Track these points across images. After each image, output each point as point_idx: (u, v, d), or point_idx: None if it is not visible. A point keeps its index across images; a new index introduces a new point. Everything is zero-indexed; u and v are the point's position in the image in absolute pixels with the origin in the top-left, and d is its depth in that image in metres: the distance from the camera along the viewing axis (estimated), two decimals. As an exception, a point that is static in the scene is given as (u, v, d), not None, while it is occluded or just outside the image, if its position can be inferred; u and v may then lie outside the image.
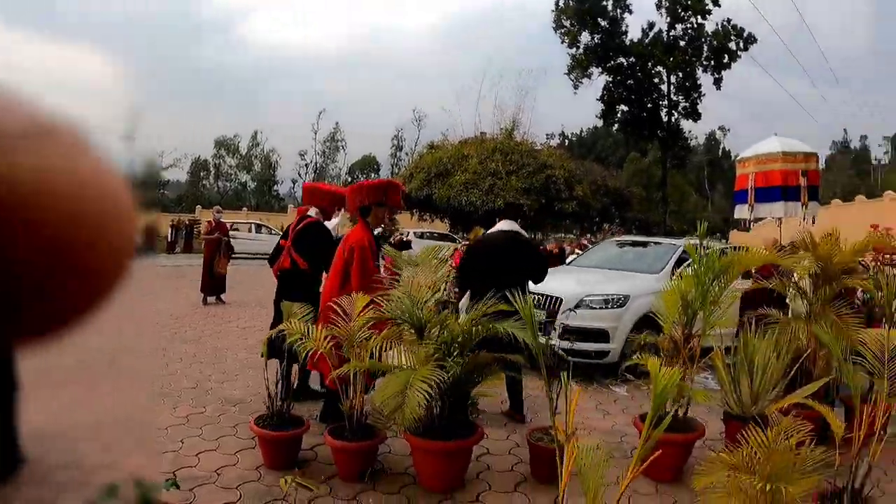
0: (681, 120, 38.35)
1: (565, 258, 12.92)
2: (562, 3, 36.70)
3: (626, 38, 37.31)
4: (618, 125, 40.12)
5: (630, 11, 37.14)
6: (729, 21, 36.24)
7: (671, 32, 36.91)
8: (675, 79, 37.50)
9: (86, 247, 0.31)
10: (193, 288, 13.11)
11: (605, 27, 36.69)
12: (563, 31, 37.34)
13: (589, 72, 37.57)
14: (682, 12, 36.11)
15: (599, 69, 37.57)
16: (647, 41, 37.13)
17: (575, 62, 37.53)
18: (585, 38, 37.24)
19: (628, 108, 38.19)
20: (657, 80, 37.85)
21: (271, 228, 30.20)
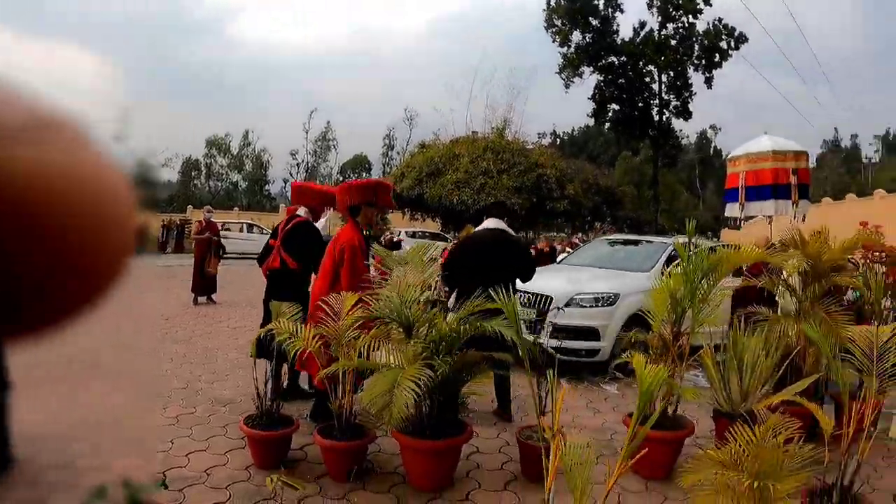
0: (672, 119, 38.43)
1: (556, 257, 12.91)
2: (553, 2, 36.62)
3: (617, 37, 37.27)
4: (609, 124, 40.13)
5: (621, 10, 37.15)
6: (720, 20, 36.31)
7: (662, 31, 36.92)
8: (667, 78, 37.54)
9: (84, 243, 0.31)
10: (184, 288, 13.08)
11: (597, 26, 36.67)
12: (554, 30, 37.31)
13: (580, 71, 37.57)
14: (674, 11, 36.15)
15: (591, 68, 37.57)
16: (638, 40, 37.12)
17: (566, 61, 37.51)
18: (577, 37, 37.21)
19: (619, 107, 38.20)
20: (648, 79, 37.87)
21: (263, 228, 30.07)
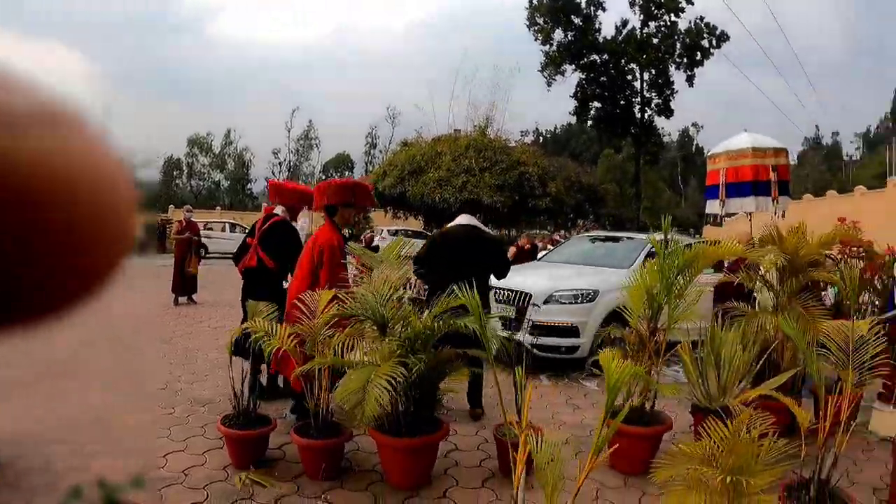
0: (654, 117, 38.63)
1: (537, 254, 12.93)
2: (535, 0, 36.78)
3: (599, 35, 37.43)
4: (591, 122, 40.31)
5: (603, 9, 37.31)
6: (702, 19, 36.60)
7: (644, 30, 37.13)
8: (648, 76, 37.77)
9: (84, 234, 0.30)
10: (164, 288, 12.98)
11: (579, 24, 36.79)
12: (536, 28, 37.43)
13: (562, 69, 37.71)
14: (656, 10, 36.37)
15: (573, 66, 37.71)
16: (620, 38, 37.29)
17: (548, 59, 37.63)
18: (559, 35, 37.39)
19: (602, 104, 38.36)
20: (630, 77, 38.09)
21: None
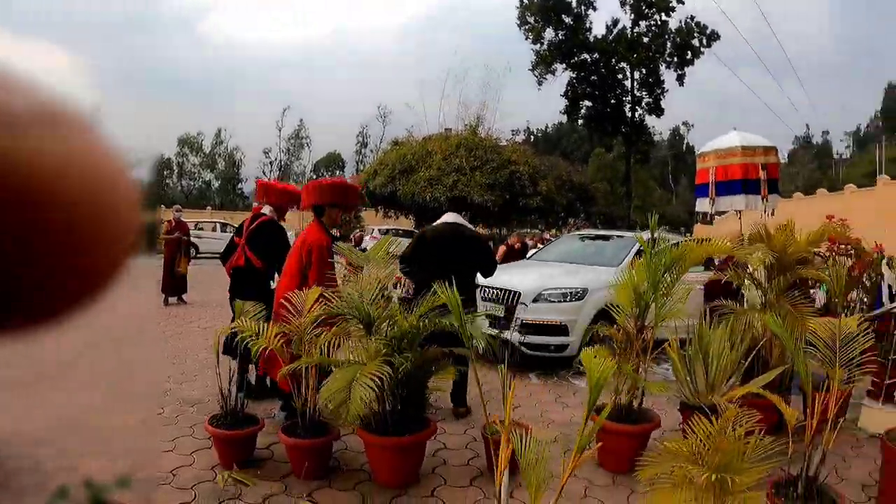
0: (644, 116, 38.71)
1: (527, 253, 12.91)
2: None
3: (590, 34, 37.51)
4: (582, 121, 40.40)
5: (594, 8, 37.41)
6: (692, 18, 36.71)
7: (635, 29, 37.21)
8: (639, 75, 37.83)
9: (84, 234, 0.30)
10: (154, 288, 12.91)
11: (569, 24, 36.85)
12: (527, 27, 37.47)
13: (553, 68, 37.78)
14: (646, 9, 36.46)
15: (563, 65, 37.77)
16: (610, 38, 37.39)
17: (539, 58, 37.68)
18: (549, 34, 37.44)
19: (592, 103, 38.43)
20: (621, 76, 38.16)
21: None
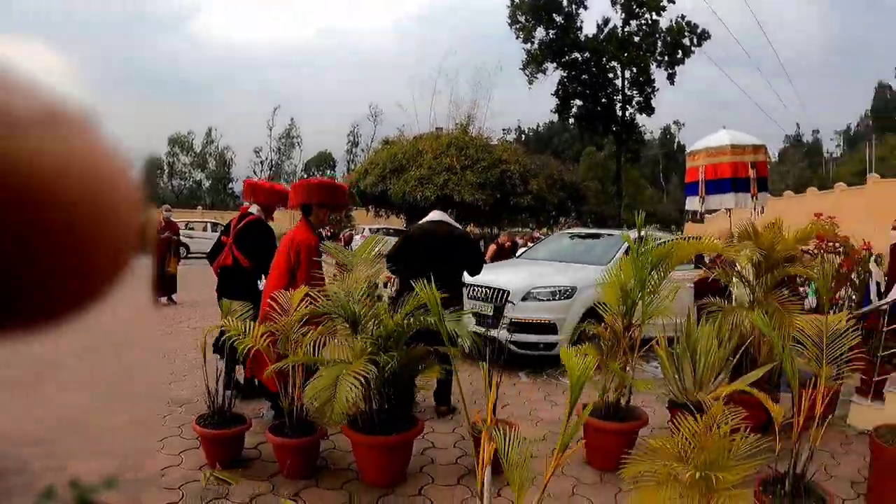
0: (635, 115, 38.78)
1: (517, 251, 12.92)
2: (517, -2, 36.84)
3: (580, 33, 37.49)
4: (573, 120, 40.42)
5: (585, 7, 37.38)
6: (683, 17, 36.80)
7: (626, 28, 37.27)
8: (630, 74, 37.86)
9: (85, 235, 0.30)
10: (144, 289, 12.84)
11: (560, 23, 36.85)
12: (518, 26, 37.48)
13: (544, 67, 37.77)
14: (637, 8, 36.50)
15: (554, 64, 37.79)
16: (601, 37, 37.42)
17: (530, 57, 37.69)
18: (540, 33, 37.45)
19: (583, 102, 38.45)
20: (611, 75, 38.16)
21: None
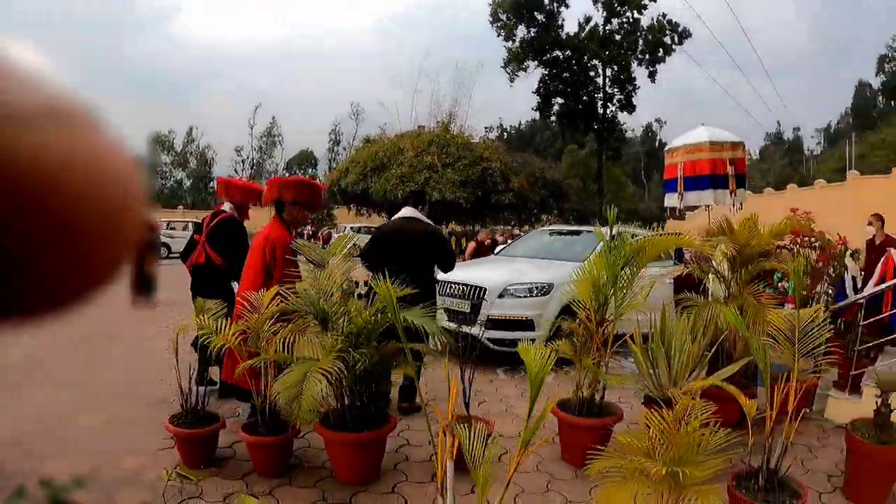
0: (616, 112, 38.97)
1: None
2: (498, -4, 36.89)
3: (562, 31, 37.70)
4: (554, 117, 40.55)
5: (566, 5, 37.61)
6: (664, 16, 37.02)
7: (607, 26, 37.48)
8: (611, 72, 38.10)
9: (85, 229, 0.29)
10: (123, 288, 12.74)
11: (542, 21, 37.02)
12: (499, 24, 37.57)
13: (525, 65, 37.90)
14: (618, 7, 36.74)
15: (535, 62, 37.92)
16: (582, 35, 37.62)
17: (511, 55, 37.78)
18: (522, 31, 37.58)
19: (564, 100, 38.65)
20: (593, 73, 38.41)
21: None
